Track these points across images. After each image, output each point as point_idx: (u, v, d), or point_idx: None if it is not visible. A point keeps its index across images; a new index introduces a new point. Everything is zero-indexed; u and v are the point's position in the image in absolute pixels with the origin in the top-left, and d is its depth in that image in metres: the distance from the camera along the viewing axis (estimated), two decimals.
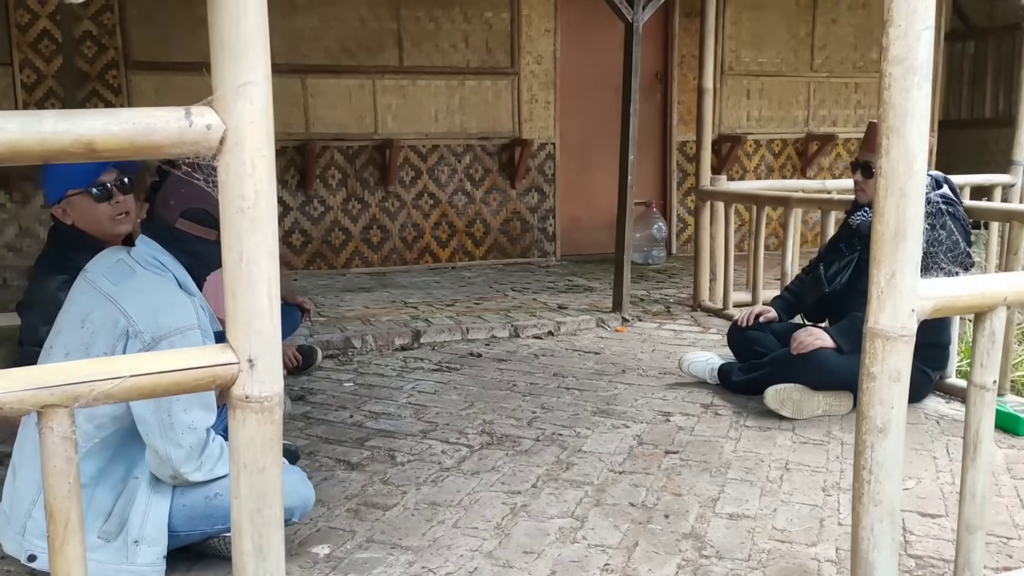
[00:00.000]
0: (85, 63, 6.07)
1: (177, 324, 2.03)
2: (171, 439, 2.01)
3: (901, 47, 1.63)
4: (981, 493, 1.90)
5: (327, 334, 4.56)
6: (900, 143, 1.65)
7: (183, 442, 2.02)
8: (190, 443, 2.03)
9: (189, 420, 2.02)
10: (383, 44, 6.73)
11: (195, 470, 2.07)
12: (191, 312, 2.08)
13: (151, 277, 2.12)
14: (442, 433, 3.23)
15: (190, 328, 2.04)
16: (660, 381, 3.90)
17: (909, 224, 1.67)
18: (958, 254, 3.39)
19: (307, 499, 2.21)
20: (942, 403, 3.53)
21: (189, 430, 2.02)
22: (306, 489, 2.22)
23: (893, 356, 1.72)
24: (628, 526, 2.45)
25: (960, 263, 3.41)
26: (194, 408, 2.04)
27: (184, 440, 2.02)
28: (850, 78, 8.19)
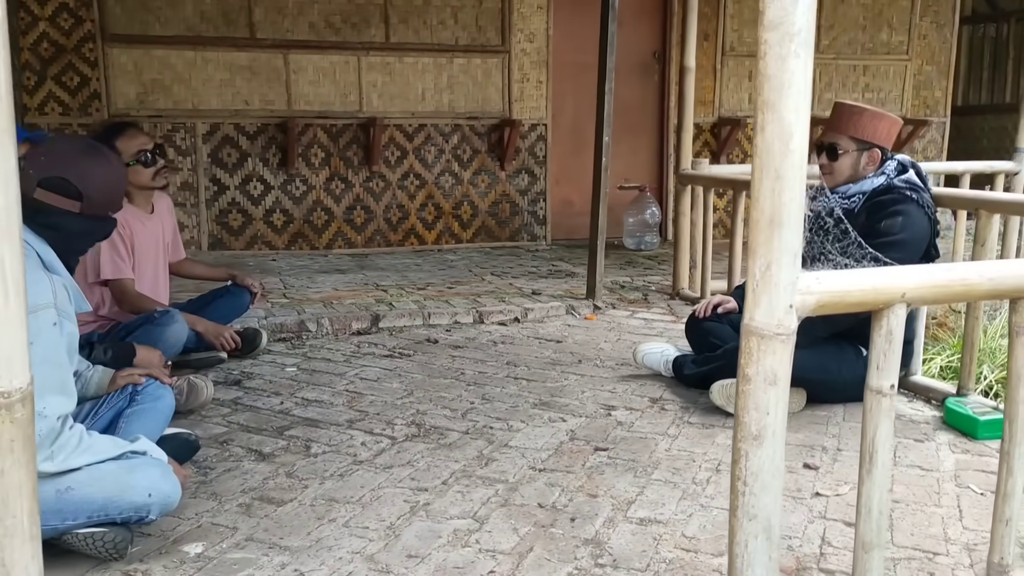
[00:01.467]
0: (61, 35, 5.98)
1: (30, 303, 1.89)
2: None
3: (777, 10, 1.44)
4: (878, 509, 1.73)
5: (283, 316, 4.43)
6: (775, 119, 1.46)
7: None
8: (39, 430, 1.89)
9: (40, 406, 1.88)
10: (369, 19, 6.57)
11: (45, 459, 1.94)
12: (46, 291, 1.94)
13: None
14: (368, 423, 3.09)
15: (42, 308, 1.90)
16: (614, 373, 3.73)
17: (785, 209, 1.48)
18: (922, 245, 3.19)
19: (167, 495, 2.08)
20: (903, 402, 3.33)
21: (39, 417, 1.88)
22: (166, 484, 2.08)
23: (769, 356, 1.55)
24: (529, 529, 2.29)
25: (925, 255, 3.21)
26: (47, 393, 1.90)
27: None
28: (858, 60, 7.90)
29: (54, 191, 2.09)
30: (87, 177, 2.16)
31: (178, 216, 6.30)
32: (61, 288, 2.04)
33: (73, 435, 1.99)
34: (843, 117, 3.26)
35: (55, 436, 1.95)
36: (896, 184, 3.22)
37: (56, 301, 1.98)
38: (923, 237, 3.19)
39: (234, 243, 6.50)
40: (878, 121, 3.23)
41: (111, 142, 3.56)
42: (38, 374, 1.85)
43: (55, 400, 1.93)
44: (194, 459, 2.71)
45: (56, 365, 1.93)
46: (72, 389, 2.01)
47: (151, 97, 6.25)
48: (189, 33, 6.25)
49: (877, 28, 7.88)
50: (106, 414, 2.47)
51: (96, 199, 2.20)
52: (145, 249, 3.68)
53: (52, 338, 1.91)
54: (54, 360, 1.92)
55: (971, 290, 1.68)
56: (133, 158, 3.54)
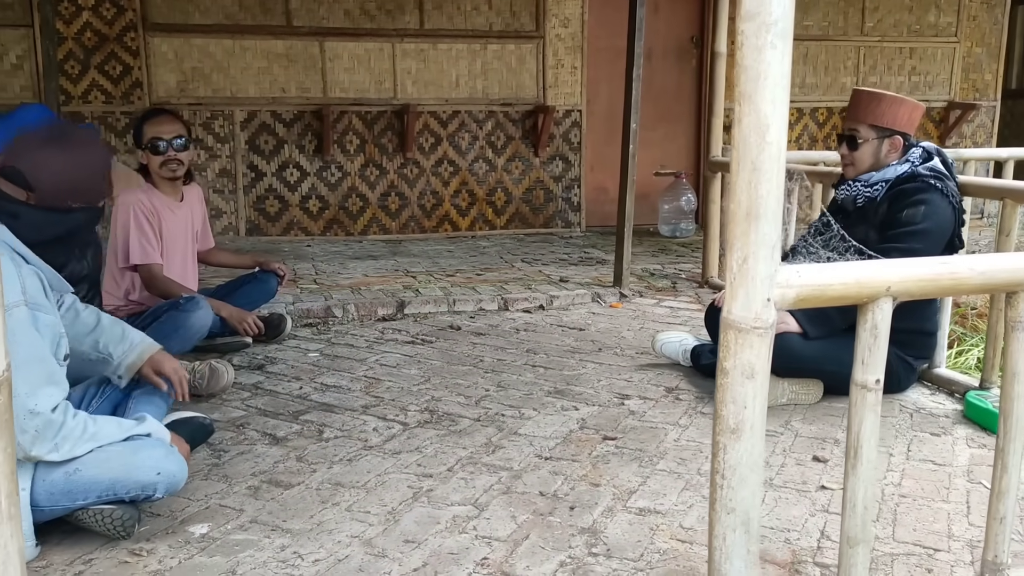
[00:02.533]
0: (104, 25, 6.11)
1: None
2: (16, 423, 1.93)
3: (753, 1, 1.42)
4: (863, 503, 1.70)
5: (310, 302, 4.50)
6: (752, 110, 1.45)
7: (27, 427, 1.93)
8: (34, 427, 1.94)
9: (31, 404, 1.93)
10: (403, 6, 6.60)
11: (51, 451, 1.99)
12: (15, 287, 1.95)
13: None
14: (383, 409, 3.14)
15: (13, 306, 1.91)
16: (633, 361, 3.72)
17: (763, 202, 1.47)
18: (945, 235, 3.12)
19: (172, 474, 2.13)
20: (925, 395, 3.27)
21: (31, 415, 1.92)
22: (171, 464, 2.13)
23: (746, 350, 1.54)
24: (527, 517, 2.31)
25: (948, 245, 3.14)
26: (36, 389, 1.93)
27: (28, 424, 1.93)
28: (904, 42, 7.71)
29: (10, 180, 2.13)
30: (40, 168, 2.16)
31: (216, 202, 6.45)
32: (32, 278, 2.04)
33: (77, 424, 2.04)
34: (861, 104, 3.20)
35: (57, 428, 1.99)
36: (920, 172, 3.15)
37: (26, 297, 1.99)
38: (947, 227, 3.12)
39: (271, 229, 6.60)
40: (898, 107, 3.16)
41: (141, 124, 3.67)
42: (25, 372, 1.91)
43: (45, 392, 1.96)
44: (209, 442, 2.78)
45: (39, 360, 1.96)
46: (60, 377, 2.03)
47: (191, 85, 6.36)
48: (228, 22, 6.34)
49: (924, 9, 7.69)
50: (112, 393, 2.53)
51: (47, 190, 2.18)
52: (174, 237, 3.76)
53: (29, 335, 1.94)
54: (36, 356, 1.95)
55: (960, 284, 1.65)
56: (147, 143, 3.62)
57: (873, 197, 3.23)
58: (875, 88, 7.49)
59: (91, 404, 2.51)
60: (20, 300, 1.94)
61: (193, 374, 3.21)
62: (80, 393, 2.52)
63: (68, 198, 2.26)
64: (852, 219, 3.31)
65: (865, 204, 3.25)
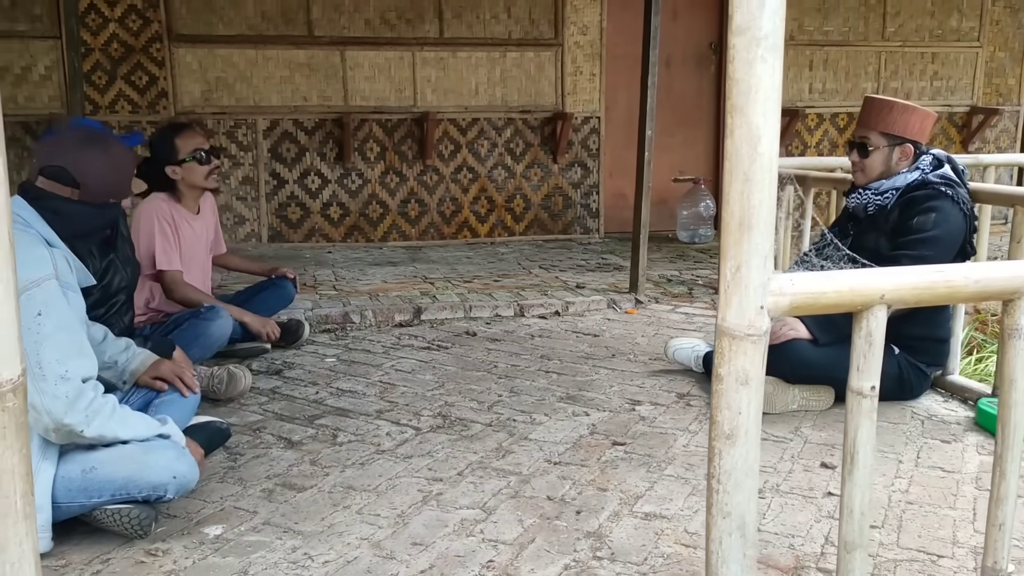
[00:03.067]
0: (130, 36, 6.23)
1: (32, 277, 2.03)
2: (45, 391, 2.00)
3: (744, 15, 1.45)
4: (859, 509, 1.72)
5: (328, 308, 4.57)
6: (744, 123, 1.48)
7: (58, 392, 2.01)
8: (66, 393, 2.02)
9: (62, 370, 2.02)
10: (423, 15, 6.67)
11: (82, 422, 2.05)
12: (47, 263, 2.09)
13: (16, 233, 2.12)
14: (396, 414, 3.19)
15: (45, 279, 2.05)
16: (646, 368, 3.74)
17: (755, 212, 1.50)
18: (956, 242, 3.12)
19: (183, 475, 2.19)
20: (938, 402, 3.26)
21: (62, 380, 2.02)
22: (182, 465, 2.20)
23: (740, 357, 1.56)
24: (534, 521, 2.34)
25: (960, 252, 3.14)
26: (68, 357, 2.04)
27: (59, 391, 2.01)
28: (926, 47, 7.67)
29: (53, 179, 2.26)
30: (83, 165, 2.32)
31: (239, 209, 6.55)
32: (62, 260, 2.17)
33: (107, 403, 2.13)
34: (872, 112, 3.21)
35: (88, 400, 2.07)
36: (931, 179, 3.15)
37: (57, 272, 2.11)
38: (958, 234, 3.12)
39: (293, 235, 6.69)
40: (909, 115, 3.17)
41: (172, 138, 3.73)
42: (56, 340, 2.01)
43: (76, 363, 2.06)
44: (226, 446, 2.84)
45: (70, 330, 2.06)
46: (90, 352, 2.13)
47: (215, 95, 6.46)
48: (251, 32, 6.44)
49: (946, 14, 7.64)
50: (137, 401, 2.61)
51: (92, 186, 2.34)
52: (191, 249, 3.82)
53: (61, 306, 2.05)
54: (67, 326, 2.06)
55: (956, 292, 1.67)
56: (189, 155, 3.69)
57: (884, 205, 3.23)
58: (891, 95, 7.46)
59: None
60: (51, 273, 2.05)
61: (212, 379, 3.28)
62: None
63: (109, 194, 2.43)
64: (863, 227, 3.32)
65: (876, 212, 3.26)
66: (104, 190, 2.39)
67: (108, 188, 2.41)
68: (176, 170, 3.70)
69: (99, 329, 2.59)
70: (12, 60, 6.05)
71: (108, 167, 2.38)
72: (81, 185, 2.32)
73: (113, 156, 2.41)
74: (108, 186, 2.40)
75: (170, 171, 3.70)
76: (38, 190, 2.27)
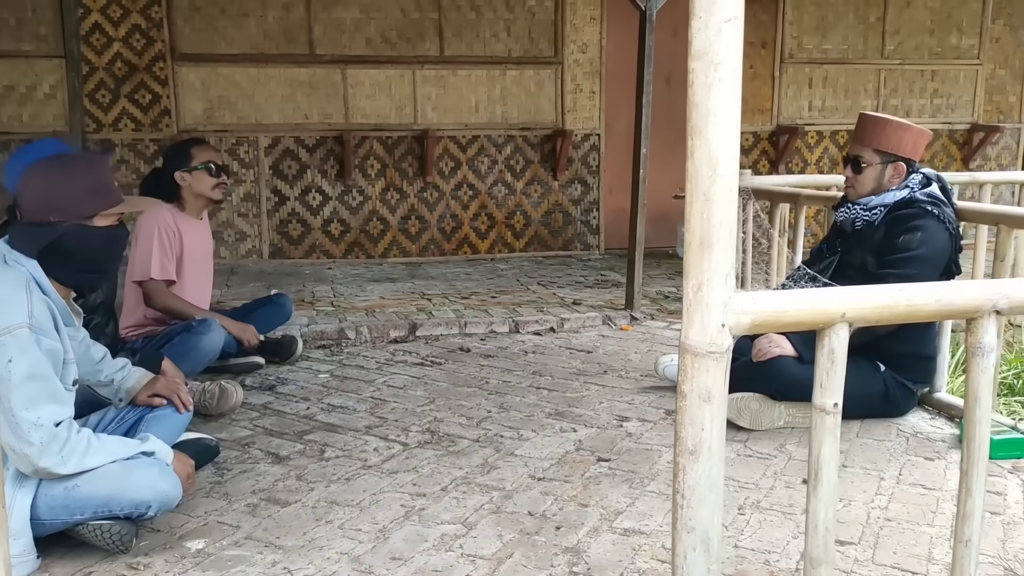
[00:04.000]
0: (133, 55, 6.32)
1: (5, 323, 2.03)
2: (20, 437, 2.05)
3: (702, 41, 1.49)
4: (824, 525, 1.74)
5: (324, 324, 4.60)
6: (703, 144, 1.51)
7: (32, 439, 2.05)
8: (39, 439, 2.06)
9: (33, 417, 2.05)
10: (424, 34, 6.74)
11: (58, 464, 2.11)
12: (22, 311, 2.07)
13: (4, 272, 2.14)
14: (385, 430, 3.21)
15: (18, 327, 2.04)
16: (636, 384, 3.76)
17: (715, 231, 1.53)
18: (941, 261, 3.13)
19: (165, 493, 2.22)
20: (924, 419, 3.27)
21: (35, 427, 2.05)
22: (164, 483, 2.22)
23: (702, 374, 1.59)
24: (513, 536, 2.36)
25: (945, 271, 3.16)
26: (39, 404, 2.06)
27: (32, 437, 2.05)
28: (925, 65, 7.70)
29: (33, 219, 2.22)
30: (22, 186, 2.23)
31: (240, 226, 6.62)
32: (42, 306, 2.16)
33: (81, 439, 2.16)
34: (867, 129, 3.23)
35: (62, 442, 2.10)
36: (918, 198, 3.17)
37: (31, 320, 2.10)
38: (943, 253, 3.13)
39: (293, 252, 6.74)
40: (903, 133, 3.19)
41: (188, 148, 3.79)
42: (27, 389, 2.04)
43: (48, 409, 2.09)
44: (215, 461, 2.87)
45: (42, 378, 2.08)
46: (64, 396, 2.15)
47: (217, 113, 6.54)
48: (253, 51, 6.53)
49: (946, 32, 7.68)
50: (131, 418, 2.65)
51: (27, 205, 2.22)
52: (193, 256, 3.84)
53: (32, 354, 2.06)
54: (40, 374, 2.07)
55: (916, 310, 1.69)
56: (201, 164, 3.75)
57: (871, 221, 3.25)
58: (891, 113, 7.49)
59: (108, 425, 2.62)
60: (24, 322, 2.06)
61: (203, 394, 3.32)
62: (99, 416, 2.65)
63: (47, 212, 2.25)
64: (851, 242, 3.34)
65: (863, 227, 3.28)
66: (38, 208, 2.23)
67: (42, 206, 2.23)
68: (185, 176, 3.75)
69: (99, 350, 2.64)
70: (17, 79, 6.14)
71: (43, 184, 2.24)
72: (19, 205, 2.24)
73: (50, 173, 2.26)
74: (42, 204, 2.23)
75: (179, 176, 3.76)
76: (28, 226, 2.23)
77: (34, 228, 2.25)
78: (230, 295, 5.35)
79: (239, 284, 5.79)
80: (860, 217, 3.28)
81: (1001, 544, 2.31)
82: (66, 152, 2.41)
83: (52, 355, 2.13)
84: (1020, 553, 2.27)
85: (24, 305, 2.08)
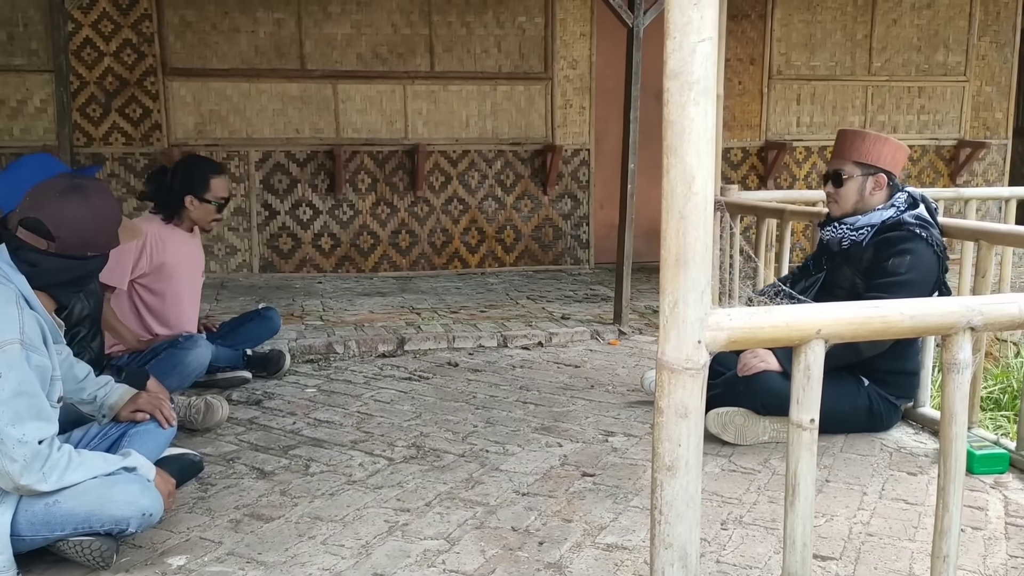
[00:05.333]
0: (124, 69, 6.33)
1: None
2: (3, 453, 2.04)
3: (676, 60, 1.51)
4: (801, 540, 1.75)
5: (313, 338, 4.60)
6: (678, 162, 1.52)
7: (16, 455, 2.05)
8: (23, 456, 2.06)
9: (19, 434, 2.05)
10: (415, 49, 6.77)
11: (39, 481, 2.10)
12: (13, 327, 2.08)
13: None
14: (371, 445, 3.21)
15: (9, 343, 2.05)
16: (623, 399, 3.77)
17: (690, 249, 1.54)
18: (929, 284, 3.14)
19: (146, 509, 2.22)
20: (908, 434, 3.29)
21: (19, 444, 2.05)
22: (145, 500, 2.22)
23: (679, 390, 1.60)
24: (496, 552, 2.36)
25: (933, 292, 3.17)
26: (24, 421, 2.06)
27: (16, 454, 2.05)
28: (912, 82, 7.76)
29: (31, 230, 2.24)
30: (59, 218, 2.27)
31: (230, 240, 6.62)
32: (32, 323, 2.17)
33: (62, 456, 2.16)
34: (846, 143, 3.26)
35: (43, 459, 2.10)
36: (906, 220, 3.18)
37: (23, 336, 2.11)
38: (931, 276, 3.14)
39: (284, 266, 6.74)
40: (881, 145, 3.22)
41: (210, 177, 3.75)
42: (14, 405, 2.04)
43: (33, 426, 2.09)
44: (198, 476, 2.86)
45: (30, 395, 2.08)
46: (49, 414, 2.15)
47: (208, 127, 6.56)
48: (244, 66, 6.55)
49: (933, 49, 7.74)
50: (114, 434, 2.64)
51: (68, 239, 2.28)
52: (179, 266, 3.77)
53: (22, 370, 2.06)
54: (28, 391, 2.08)
55: (891, 327, 1.71)
56: (216, 199, 3.75)
57: (859, 241, 3.27)
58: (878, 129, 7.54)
59: (91, 442, 2.62)
60: (16, 338, 2.07)
61: (189, 409, 3.31)
62: (82, 432, 2.65)
63: (87, 247, 2.35)
64: (837, 261, 3.36)
65: (850, 247, 3.30)
66: (80, 243, 2.31)
67: (85, 241, 2.33)
68: (194, 202, 3.72)
69: (82, 367, 2.64)
70: (9, 93, 6.16)
71: (86, 221, 2.31)
72: (56, 238, 2.27)
73: (92, 208, 2.33)
74: (85, 240, 2.32)
75: (188, 200, 3.72)
76: (18, 240, 2.24)
77: (70, 261, 2.31)
78: (219, 309, 5.35)
79: (229, 298, 5.79)
80: (847, 237, 3.29)
81: (982, 559, 2.32)
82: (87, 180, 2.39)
83: (40, 372, 2.14)
84: (1001, 568, 2.28)
85: (15, 321, 2.09)
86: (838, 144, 3.32)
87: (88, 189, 2.33)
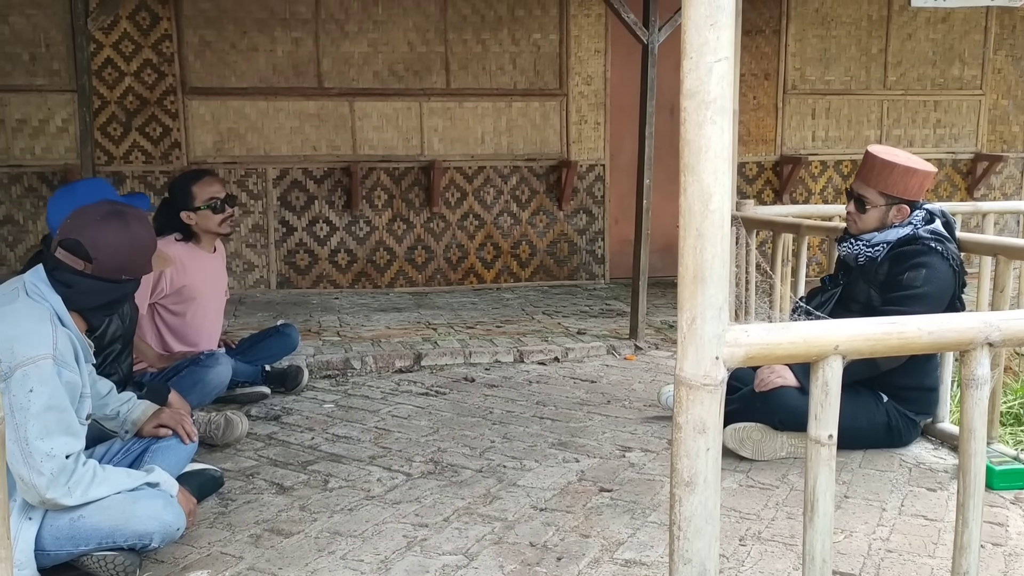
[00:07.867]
0: (145, 89, 6.42)
1: (30, 354, 2.09)
2: (32, 466, 2.08)
3: (693, 80, 1.53)
4: (821, 556, 1.75)
5: (330, 354, 4.63)
6: (695, 181, 1.54)
7: (43, 469, 2.08)
8: (50, 470, 2.10)
9: (47, 448, 2.09)
10: (430, 67, 6.83)
11: (64, 496, 2.14)
12: (47, 343, 2.13)
13: (28, 305, 2.20)
14: (389, 460, 3.23)
15: (42, 358, 2.10)
16: (640, 414, 3.78)
17: (707, 266, 1.56)
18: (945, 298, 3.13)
19: (168, 524, 2.25)
20: (928, 450, 3.27)
21: (48, 457, 2.09)
22: (168, 515, 2.25)
23: (697, 406, 1.61)
24: (514, 567, 2.37)
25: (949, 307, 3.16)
26: (53, 435, 2.10)
27: (44, 467, 2.08)
28: (928, 96, 7.75)
29: (69, 251, 2.29)
30: (99, 241, 2.30)
31: (248, 256, 6.67)
32: (65, 340, 2.22)
33: (87, 471, 2.19)
34: (874, 170, 3.21)
35: (70, 473, 2.14)
36: (921, 235, 3.18)
37: (55, 352, 2.16)
38: (947, 290, 3.14)
39: (301, 282, 6.79)
40: (909, 177, 3.17)
41: (189, 186, 3.80)
42: (44, 419, 2.08)
43: (62, 440, 2.13)
44: (219, 492, 2.89)
45: (60, 410, 2.13)
46: (77, 429, 2.19)
47: (227, 145, 6.62)
48: (262, 85, 6.61)
49: (948, 63, 7.73)
50: (136, 449, 2.68)
51: (105, 262, 2.31)
52: (202, 287, 3.84)
53: (53, 385, 2.11)
54: (58, 406, 2.12)
55: (909, 343, 1.71)
56: (204, 203, 3.78)
57: (874, 257, 3.26)
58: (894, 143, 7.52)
59: (114, 457, 2.65)
60: (49, 353, 2.11)
61: (209, 424, 3.34)
62: (105, 447, 2.68)
63: (122, 271, 2.39)
64: (854, 276, 3.36)
65: (866, 263, 3.29)
66: (116, 267, 2.35)
67: (121, 266, 2.36)
68: (191, 216, 3.77)
69: (105, 384, 2.69)
70: (31, 113, 6.24)
71: (124, 245, 2.35)
72: (94, 260, 2.30)
73: (132, 233, 2.37)
74: (121, 264, 2.36)
75: (185, 216, 3.78)
76: (56, 260, 2.29)
77: (104, 284, 2.34)
78: (238, 324, 5.39)
79: (247, 314, 5.84)
80: (863, 253, 3.29)
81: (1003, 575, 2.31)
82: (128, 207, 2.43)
83: (71, 388, 2.18)
84: None
85: (49, 337, 2.14)
86: (865, 168, 3.27)
87: (128, 216, 2.37)
